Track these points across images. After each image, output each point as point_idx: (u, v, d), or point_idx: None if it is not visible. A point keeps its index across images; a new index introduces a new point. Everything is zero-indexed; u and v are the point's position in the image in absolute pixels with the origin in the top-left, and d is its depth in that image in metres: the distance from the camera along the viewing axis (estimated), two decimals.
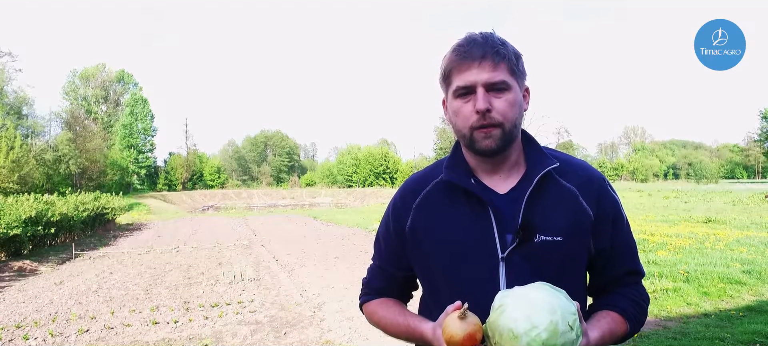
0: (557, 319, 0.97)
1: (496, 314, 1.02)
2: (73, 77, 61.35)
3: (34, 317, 6.21)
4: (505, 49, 1.15)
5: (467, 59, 1.14)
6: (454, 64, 1.16)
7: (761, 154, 76.79)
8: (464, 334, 1.01)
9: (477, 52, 1.13)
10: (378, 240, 1.39)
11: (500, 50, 1.14)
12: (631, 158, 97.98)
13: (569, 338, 0.98)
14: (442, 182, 1.24)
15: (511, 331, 0.97)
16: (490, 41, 1.15)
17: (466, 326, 1.02)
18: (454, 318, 1.03)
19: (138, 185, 60.01)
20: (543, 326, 0.96)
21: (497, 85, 1.14)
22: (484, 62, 1.13)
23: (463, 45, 1.16)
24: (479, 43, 1.14)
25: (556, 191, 1.19)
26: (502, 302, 1.03)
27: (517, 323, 0.97)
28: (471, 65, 1.14)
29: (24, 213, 11.32)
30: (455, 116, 1.19)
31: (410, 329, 1.22)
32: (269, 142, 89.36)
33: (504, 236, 1.15)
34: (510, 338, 0.97)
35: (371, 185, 68.61)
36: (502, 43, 1.16)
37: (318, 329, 5.50)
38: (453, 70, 1.17)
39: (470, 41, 1.16)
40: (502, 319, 1.00)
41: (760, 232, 11.86)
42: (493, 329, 1.01)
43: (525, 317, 0.98)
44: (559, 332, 0.97)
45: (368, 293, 1.40)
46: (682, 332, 4.83)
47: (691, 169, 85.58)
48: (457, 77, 1.16)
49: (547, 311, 0.98)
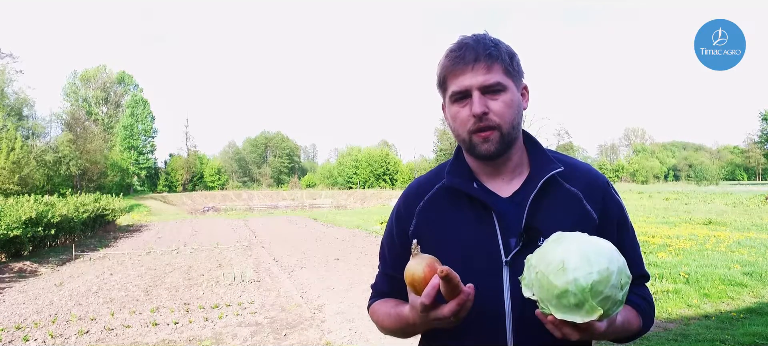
0: (613, 270, 0.91)
1: (551, 244, 0.96)
2: (74, 79, 61.47)
3: (34, 318, 6.20)
4: (498, 49, 1.14)
5: (460, 63, 1.14)
6: (448, 70, 1.16)
7: (761, 156, 76.73)
8: (424, 267, 0.98)
9: (470, 55, 1.13)
10: (382, 247, 1.39)
11: (492, 52, 1.13)
12: (632, 160, 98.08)
13: (616, 295, 0.91)
14: (444, 186, 1.24)
15: (562, 262, 0.91)
16: (483, 43, 1.14)
17: (421, 259, 1.00)
18: (409, 262, 1.01)
19: (138, 187, 60.04)
20: (596, 269, 0.89)
21: (492, 87, 1.13)
22: (477, 65, 1.13)
23: (455, 49, 1.16)
24: (471, 46, 1.14)
25: (560, 195, 1.19)
26: (561, 236, 0.98)
27: (571, 257, 0.91)
28: (465, 69, 1.13)
29: (24, 214, 11.31)
30: (453, 121, 1.19)
31: (399, 318, 1.18)
32: (269, 143, 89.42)
33: (508, 240, 1.15)
34: (558, 269, 0.91)
35: (371, 186, 68.61)
36: (494, 44, 1.15)
37: (318, 330, 5.49)
38: (448, 75, 1.17)
39: (462, 45, 1.15)
40: (556, 250, 0.94)
41: (760, 233, 11.85)
42: (542, 256, 0.95)
43: (581, 253, 0.91)
44: (610, 282, 0.90)
45: (373, 296, 1.40)
46: (683, 334, 4.82)
47: (692, 170, 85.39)
48: (452, 82, 1.16)
49: (606, 258, 0.91)
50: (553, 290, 0.91)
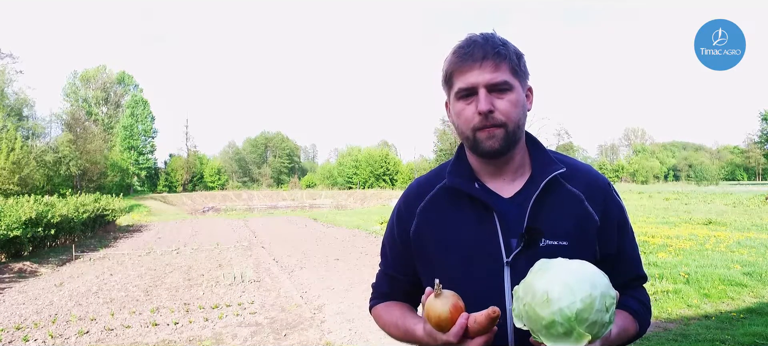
0: (596, 295, 0.93)
1: (535, 275, 0.99)
2: (74, 79, 61.47)
3: (34, 318, 6.20)
4: (507, 49, 1.15)
5: (468, 61, 1.13)
6: (455, 66, 1.16)
7: (761, 156, 76.74)
8: (449, 307, 1.00)
9: (478, 53, 1.13)
10: (384, 246, 1.39)
11: (501, 51, 1.13)
12: (632, 160, 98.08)
13: (603, 318, 0.94)
14: (445, 186, 1.24)
15: (545, 294, 0.94)
16: (491, 42, 1.14)
17: (446, 300, 1.02)
18: (432, 300, 1.03)
19: (138, 187, 60.04)
20: (579, 297, 0.92)
21: (499, 86, 1.13)
22: (485, 63, 1.12)
23: (463, 46, 1.16)
24: (480, 44, 1.14)
25: (561, 196, 1.19)
26: (543, 266, 1.00)
27: (554, 288, 0.94)
28: (472, 67, 1.13)
29: (24, 215, 11.31)
30: (458, 118, 1.18)
31: (407, 333, 1.20)
32: (269, 143, 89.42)
33: (509, 240, 1.14)
34: (542, 302, 0.94)
35: (371, 186, 68.61)
36: (503, 43, 1.15)
37: (318, 330, 5.49)
38: (454, 72, 1.16)
39: (471, 42, 1.15)
40: (540, 281, 0.97)
41: (760, 234, 11.85)
42: (527, 288, 0.98)
43: (564, 284, 0.94)
44: (594, 308, 0.92)
45: (375, 297, 1.40)
46: (683, 334, 4.82)
47: (692, 170, 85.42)
48: (458, 79, 1.16)
49: (588, 284, 0.94)
50: (540, 322, 0.94)
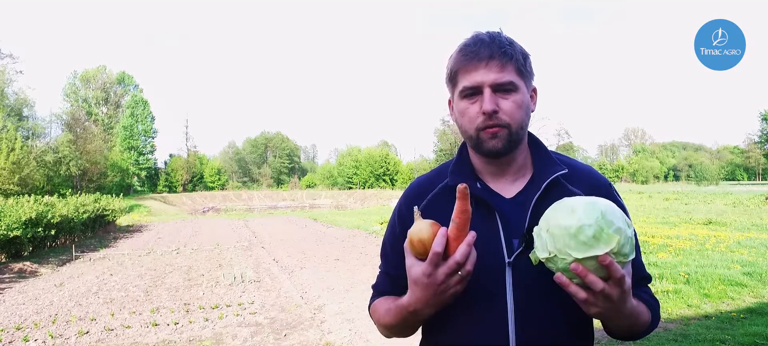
0: (616, 209, 0.98)
1: (554, 205, 1.03)
2: (74, 79, 61.48)
3: (34, 318, 6.20)
4: (513, 49, 1.13)
5: (474, 59, 1.12)
6: (460, 65, 1.15)
7: (761, 156, 76.73)
8: (429, 225, 1.02)
9: (484, 52, 1.12)
10: (384, 246, 1.37)
11: (508, 50, 1.12)
12: (632, 160, 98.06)
13: (626, 231, 0.96)
14: (447, 186, 1.23)
15: (570, 207, 0.98)
16: (498, 41, 1.13)
17: (426, 222, 1.03)
18: (413, 227, 1.04)
19: (138, 187, 60.06)
20: (600, 207, 0.96)
21: (504, 86, 1.12)
22: (491, 63, 1.11)
23: (470, 44, 1.14)
24: (487, 43, 1.13)
25: (563, 197, 1.16)
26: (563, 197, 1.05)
27: (578, 202, 0.99)
28: (478, 65, 1.12)
29: (24, 215, 11.31)
30: (461, 117, 1.17)
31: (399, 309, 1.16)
32: (269, 143, 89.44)
33: (510, 240, 1.14)
34: (568, 213, 0.97)
35: (371, 186, 68.62)
36: (509, 42, 1.14)
37: (318, 330, 5.49)
38: (459, 70, 1.15)
39: (477, 41, 1.14)
40: (561, 204, 1.00)
41: (760, 234, 11.85)
42: (549, 216, 1.00)
43: (585, 200, 0.99)
44: (617, 215, 0.96)
45: (375, 296, 1.38)
46: (683, 334, 4.82)
47: (692, 170, 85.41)
48: (463, 77, 1.14)
49: (604, 202, 0.99)
50: (568, 232, 0.95)
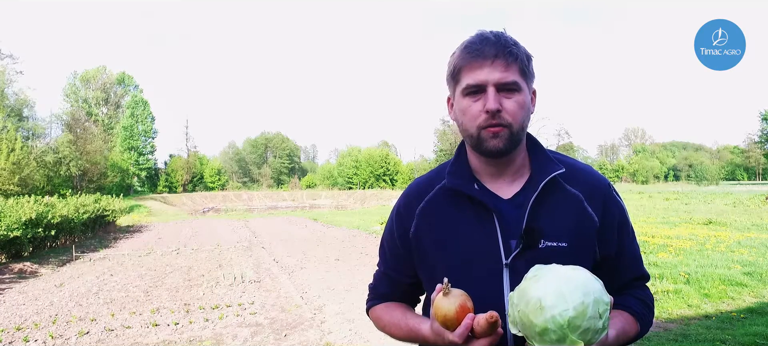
0: (589, 302, 0.94)
1: (529, 282, 1.00)
2: (74, 79, 61.46)
3: (34, 319, 6.20)
4: (518, 49, 1.13)
5: (479, 57, 1.12)
6: (465, 62, 1.14)
7: (762, 156, 76.73)
8: (456, 307, 1.01)
9: (490, 51, 1.11)
10: (383, 246, 1.37)
11: (513, 50, 1.12)
12: (632, 160, 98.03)
13: (596, 325, 0.94)
14: (445, 187, 1.22)
15: (539, 301, 0.95)
16: (503, 41, 1.13)
17: (454, 299, 1.02)
18: (440, 299, 1.03)
19: (138, 187, 60.07)
20: (572, 305, 0.93)
21: (508, 86, 1.12)
22: (496, 62, 1.11)
23: (475, 42, 1.14)
24: (492, 42, 1.12)
25: (561, 197, 1.18)
26: (537, 273, 1.01)
27: (547, 296, 0.95)
28: (483, 64, 1.12)
29: (24, 215, 11.30)
30: (463, 115, 1.17)
31: (412, 332, 1.20)
32: (270, 144, 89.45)
33: (508, 241, 1.14)
34: (536, 309, 0.94)
35: (372, 186, 68.61)
36: (514, 43, 1.14)
37: (318, 331, 5.49)
38: (463, 67, 1.15)
39: (483, 39, 1.13)
40: (533, 288, 0.97)
41: (761, 233, 11.85)
42: (521, 295, 0.99)
43: (556, 291, 0.95)
44: (587, 315, 0.93)
45: (374, 298, 1.39)
46: (683, 334, 4.82)
47: (692, 170, 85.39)
48: (467, 75, 1.14)
49: (580, 292, 0.95)
50: (534, 328, 0.95)
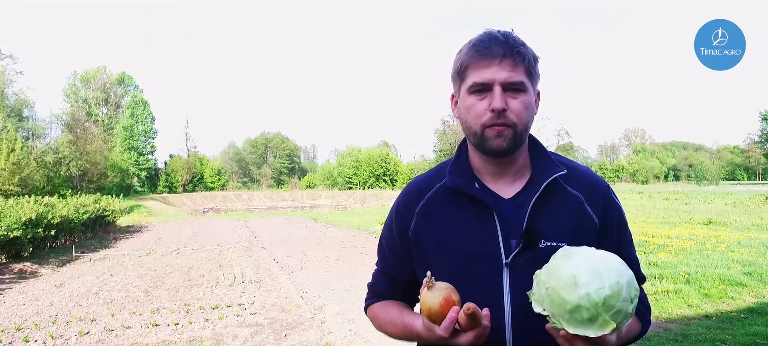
0: (623, 283, 0.93)
1: (560, 260, 0.98)
2: (74, 79, 61.46)
3: (34, 319, 6.20)
4: (526, 50, 1.14)
5: (487, 56, 1.12)
6: (472, 60, 1.14)
7: (762, 156, 76.73)
8: (440, 300, 1.01)
9: (498, 50, 1.12)
10: (381, 244, 1.37)
11: (521, 51, 1.12)
12: (632, 160, 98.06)
13: (627, 308, 0.93)
14: (445, 186, 1.22)
15: (573, 278, 0.92)
16: (511, 40, 1.13)
17: (438, 293, 1.02)
18: (425, 293, 1.03)
19: (138, 187, 60.05)
20: (607, 284, 0.91)
21: (515, 86, 1.12)
22: (504, 61, 1.11)
23: (483, 40, 1.14)
24: (501, 41, 1.13)
25: (561, 197, 1.18)
26: (569, 251, 0.99)
27: (582, 273, 0.92)
28: (491, 63, 1.12)
29: (24, 215, 11.30)
30: (467, 113, 1.17)
31: (407, 329, 1.20)
32: (270, 144, 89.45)
33: (508, 241, 1.14)
34: (569, 285, 0.92)
35: (372, 186, 68.60)
36: (522, 43, 1.14)
37: (318, 331, 5.49)
38: (470, 65, 1.15)
39: (491, 38, 1.14)
40: (566, 265, 0.95)
41: (761, 233, 11.85)
42: (551, 272, 0.97)
43: (592, 269, 0.93)
44: (621, 295, 0.91)
45: (371, 297, 1.38)
46: (684, 334, 4.82)
47: (692, 170, 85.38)
48: (473, 73, 1.14)
49: (615, 272, 0.93)
50: (565, 306, 0.92)
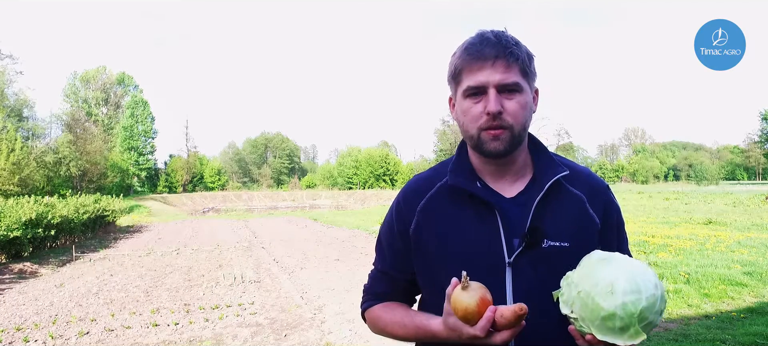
0: (658, 295, 0.93)
1: (596, 264, 0.97)
2: (74, 79, 61.47)
3: (34, 319, 6.20)
4: (519, 49, 1.12)
5: (480, 59, 1.11)
6: (465, 63, 1.13)
7: (762, 156, 76.73)
8: (477, 300, 0.98)
9: (490, 52, 1.10)
10: (380, 243, 1.34)
11: (514, 51, 1.11)
12: (632, 160, 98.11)
13: (656, 320, 0.94)
14: (447, 185, 1.21)
15: (610, 285, 0.92)
16: (504, 41, 1.11)
17: (474, 293, 0.99)
18: (459, 292, 1.00)
19: (138, 187, 60.05)
20: (645, 295, 0.91)
21: (509, 87, 1.11)
22: (497, 63, 1.10)
23: (475, 43, 1.13)
24: (493, 42, 1.11)
25: (564, 197, 1.18)
26: (605, 256, 0.98)
27: (620, 281, 0.92)
28: (484, 65, 1.10)
29: (24, 215, 11.29)
30: (464, 116, 1.16)
31: (420, 330, 1.17)
32: (270, 144, 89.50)
33: (511, 240, 1.13)
34: (606, 292, 0.91)
35: (372, 186, 68.61)
36: (515, 43, 1.13)
37: (318, 331, 5.49)
38: (464, 69, 1.13)
39: (483, 40, 1.12)
40: (604, 271, 0.94)
41: (761, 233, 11.84)
42: (587, 275, 0.96)
43: (630, 278, 0.93)
44: (655, 308, 0.92)
45: (370, 299, 1.34)
46: (684, 334, 4.82)
47: (692, 170, 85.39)
48: (467, 76, 1.13)
49: (652, 284, 0.93)
50: (598, 312, 0.92)
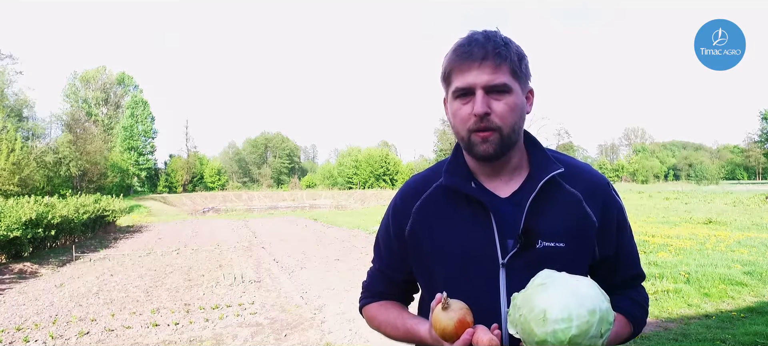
0: (594, 322, 0.92)
1: (535, 289, 0.97)
2: (74, 80, 61.48)
3: (34, 319, 6.20)
4: (508, 49, 1.11)
5: (467, 60, 1.10)
6: (454, 64, 1.13)
7: (761, 155, 76.72)
8: (455, 322, 1.01)
9: (478, 52, 1.09)
10: (378, 243, 1.36)
11: (502, 51, 1.10)
12: (632, 159, 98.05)
13: (595, 343, 0.93)
14: (442, 186, 1.22)
15: (543, 312, 0.92)
16: (493, 41, 1.11)
17: (453, 314, 1.02)
18: (439, 312, 1.03)
19: (138, 187, 60.06)
20: (576, 323, 0.91)
21: (497, 88, 1.10)
22: (484, 63, 1.09)
23: (464, 44, 1.12)
24: (481, 43, 1.10)
25: (559, 196, 1.17)
26: (546, 281, 0.98)
27: (553, 308, 0.92)
28: (471, 66, 1.10)
29: (24, 215, 11.29)
30: (454, 118, 1.16)
31: (409, 333, 1.20)
32: (269, 144, 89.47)
33: (505, 241, 1.13)
34: (539, 319, 0.92)
35: (372, 186, 68.58)
36: (505, 43, 1.11)
37: (318, 331, 5.49)
38: (453, 70, 1.13)
39: (472, 41, 1.12)
40: (540, 297, 0.95)
41: (761, 233, 11.84)
42: (526, 300, 0.97)
43: (563, 305, 0.92)
44: (589, 334, 0.91)
45: (368, 296, 1.37)
46: (684, 334, 4.82)
47: (692, 170, 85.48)
48: (456, 78, 1.12)
49: (586, 309, 0.92)
50: (533, 337, 0.94)
